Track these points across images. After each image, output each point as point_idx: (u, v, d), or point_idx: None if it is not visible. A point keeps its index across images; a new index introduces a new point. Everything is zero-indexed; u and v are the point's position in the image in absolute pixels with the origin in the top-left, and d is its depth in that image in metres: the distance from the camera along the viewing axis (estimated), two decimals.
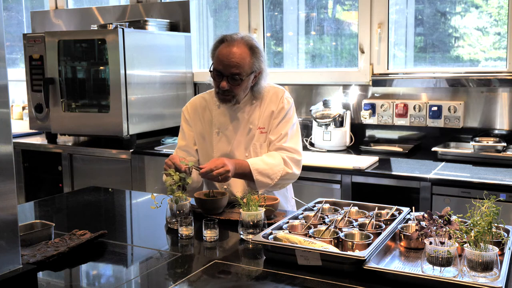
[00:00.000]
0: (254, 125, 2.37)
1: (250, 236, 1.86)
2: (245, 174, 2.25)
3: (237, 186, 2.38)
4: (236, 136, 2.37)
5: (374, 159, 3.21)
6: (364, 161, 3.13)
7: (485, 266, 1.47)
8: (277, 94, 2.38)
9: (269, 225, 1.89)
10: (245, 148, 2.38)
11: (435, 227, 1.60)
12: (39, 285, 1.46)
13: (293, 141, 2.36)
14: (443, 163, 3.15)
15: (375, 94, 3.72)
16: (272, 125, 2.36)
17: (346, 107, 3.77)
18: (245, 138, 2.38)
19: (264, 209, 1.92)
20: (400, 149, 3.50)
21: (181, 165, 2.14)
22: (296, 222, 1.91)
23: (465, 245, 1.53)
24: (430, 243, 1.54)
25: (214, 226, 1.92)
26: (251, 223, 1.88)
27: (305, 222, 1.90)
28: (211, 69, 2.28)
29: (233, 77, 2.22)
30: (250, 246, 1.86)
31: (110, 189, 2.81)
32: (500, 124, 3.39)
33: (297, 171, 2.35)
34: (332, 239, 1.73)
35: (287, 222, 1.90)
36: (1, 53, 1.29)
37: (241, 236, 1.91)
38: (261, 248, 1.78)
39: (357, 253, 1.63)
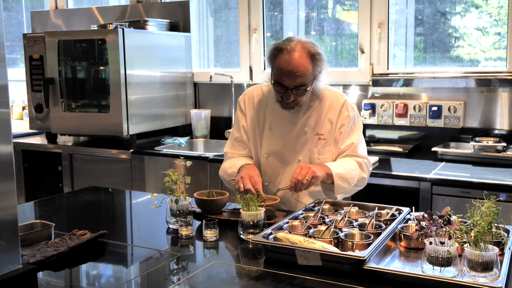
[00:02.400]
0: (310, 128, 2.29)
1: (250, 236, 1.86)
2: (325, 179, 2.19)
3: (281, 185, 2.30)
4: (289, 136, 2.29)
5: (374, 159, 3.21)
6: None
7: (485, 266, 1.47)
8: (338, 100, 2.30)
9: (269, 225, 1.89)
10: (298, 150, 2.30)
11: (435, 227, 1.60)
12: (39, 285, 1.46)
13: (363, 148, 2.33)
14: (443, 163, 3.15)
15: (375, 94, 3.72)
16: (338, 134, 2.28)
17: None
18: (298, 140, 2.30)
19: (264, 209, 1.92)
20: (400, 149, 3.50)
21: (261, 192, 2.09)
22: (296, 222, 1.91)
23: (465, 245, 1.53)
24: (430, 243, 1.54)
25: (214, 226, 1.92)
26: (251, 223, 1.88)
27: (305, 222, 1.90)
28: (273, 82, 2.17)
29: (298, 88, 2.13)
30: (250, 246, 1.86)
31: (110, 189, 2.81)
32: (500, 124, 3.39)
33: (368, 177, 2.32)
34: (332, 239, 1.73)
35: (287, 222, 1.90)
36: (1, 53, 1.29)
37: (241, 236, 1.91)
38: (261, 248, 1.78)
39: (357, 253, 1.63)
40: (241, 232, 1.90)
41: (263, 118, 2.34)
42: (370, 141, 3.73)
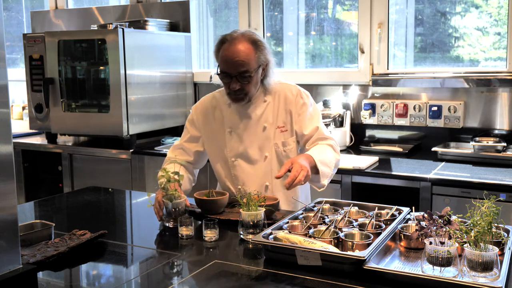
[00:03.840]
0: (269, 123, 2.32)
1: (250, 236, 1.86)
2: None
3: (252, 186, 2.33)
4: (248, 135, 2.33)
5: (374, 159, 3.21)
6: (364, 161, 3.13)
7: (485, 266, 1.47)
8: (291, 90, 2.35)
9: (269, 225, 1.89)
10: (262, 147, 2.33)
11: (435, 227, 1.60)
12: (39, 285, 1.46)
13: (326, 130, 2.36)
14: (443, 163, 3.15)
15: (375, 94, 3.72)
16: (299, 122, 2.31)
17: (346, 107, 3.77)
18: (259, 137, 2.33)
19: (264, 209, 1.92)
20: (400, 149, 3.50)
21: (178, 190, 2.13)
22: (296, 222, 1.91)
23: (465, 245, 1.53)
24: (430, 243, 1.54)
25: (214, 226, 1.92)
26: (251, 223, 1.88)
27: (305, 222, 1.90)
28: (218, 72, 2.23)
29: (242, 75, 2.18)
30: (250, 246, 1.86)
31: (110, 189, 2.81)
32: (500, 124, 3.39)
33: (339, 157, 2.34)
34: (332, 239, 1.73)
35: (287, 222, 1.90)
36: (1, 53, 1.29)
37: (241, 236, 1.90)
38: (261, 248, 1.78)
39: (357, 253, 1.63)
40: (241, 232, 1.90)
41: (221, 123, 2.37)
42: (370, 141, 3.73)
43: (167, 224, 2.08)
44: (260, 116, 2.32)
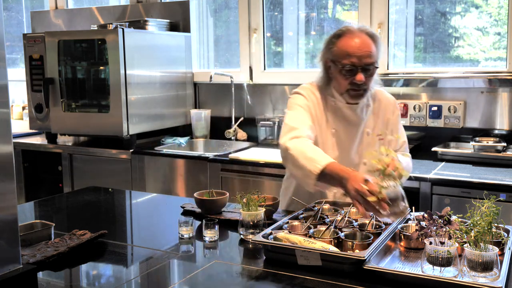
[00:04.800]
0: (371, 129, 2.25)
1: (250, 236, 1.86)
2: None
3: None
4: (351, 138, 2.23)
5: None
6: None
7: (485, 266, 1.47)
8: (389, 99, 2.31)
9: (269, 225, 1.89)
10: (360, 153, 2.24)
11: (435, 227, 1.60)
12: (39, 285, 1.46)
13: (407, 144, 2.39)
14: (443, 163, 3.15)
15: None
16: (393, 133, 2.29)
17: None
18: (362, 143, 2.24)
19: (264, 209, 1.92)
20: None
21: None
22: (296, 222, 1.91)
23: (465, 245, 1.53)
24: (430, 243, 1.54)
25: (214, 226, 1.92)
26: (251, 223, 1.88)
27: (305, 222, 1.90)
28: (340, 67, 2.08)
29: (367, 67, 2.07)
30: (250, 246, 1.86)
31: (110, 189, 2.81)
32: (500, 124, 3.39)
33: None
34: (332, 239, 1.73)
35: (287, 222, 1.90)
36: (1, 53, 1.29)
37: (241, 236, 1.90)
38: (261, 248, 1.78)
39: (357, 253, 1.63)
40: (241, 232, 1.90)
41: (325, 122, 2.22)
42: None
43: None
44: (364, 121, 2.24)
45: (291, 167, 2.05)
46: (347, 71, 2.09)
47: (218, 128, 4.23)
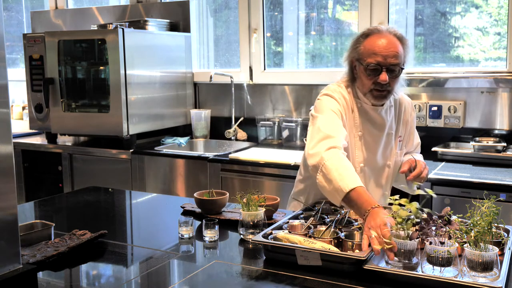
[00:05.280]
0: (393, 130, 2.26)
1: (250, 236, 1.86)
2: None
3: (374, 193, 2.24)
4: (376, 141, 2.22)
5: None
6: None
7: (485, 266, 1.47)
8: (408, 101, 2.33)
9: (269, 225, 1.89)
10: (384, 155, 2.26)
11: (435, 227, 1.60)
12: (39, 285, 1.46)
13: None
14: (443, 163, 3.15)
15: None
16: (410, 136, 2.33)
17: None
18: (384, 144, 2.25)
19: (264, 209, 1.92)
20: None
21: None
22: (296, 222, 1.91)
23: (465, 245, 1.53)
24: (430, 243, 1.54)
25: (214, 226, 1.92)
26: (251, 223, 1.88)
27: (305, 222, 1.90)
28: (366, 65, 2.06)
29: (392, 68, 2.05)
30: (250, 246, 1.86)
31: (110, 189, 2.81)
32: (500, 124, 3.39)
33: None
34: (332, 239, 1.73)
35: (287, 222, 1.90)
36: (1, 53, 1.29)
37: (241, 236, 1.90)
38: (261, 248, 1.78)
39: (357, 253, 1.63)
40: (241, 232, 1.90)
41: (352, 124, 2.20)
42: None
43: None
44: (388, 122, 2.24)
45: (321, 179, 1.95)
46: (371, 70, 2.07)
47: (218, 128, 4.23)
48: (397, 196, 1.72)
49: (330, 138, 2.00)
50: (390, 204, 1.73)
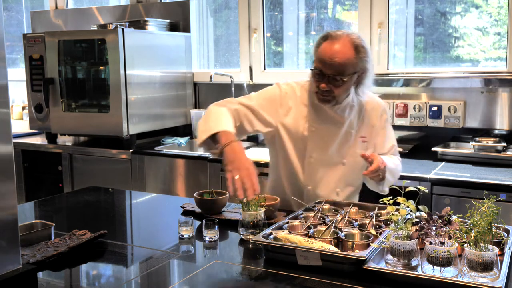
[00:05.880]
0: (354, 130, 2.27)
1: (250, 236, 1.86)
2: None
3: (323, 189, 2.29)
4: (332, 137, 2.25)
5: None
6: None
7: (485, 266, 1.47)
8: (379, 103, 2.34)
9: (269, 225, 1.89)
10: (341, 152, 2.27)
11: (435, 227, 1.60)
12: (39, 285, 1.46)
13: (397, 148, 2.44)
14: (443, 163, 3.15)
15: (375, 94, 3.72)
16: (380, 137, 2.33)
17: None
18: (341, 141, 2.26)
19: (264, 209, 1.92)
20: (400, 149, 3.47)
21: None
22: (296, 222, 1.91)
23: (465, 245, 1.53)
24: (430, 243, 1.54)
25: (214, 226, 1.92)
26: (251, 223, 1.88)
27: (305, 222, 1.90)
28: (312, 68, 2.14)
29: (335, 77, 2.08)
30: (250, 246, 1.86)
31: (110, 189, 2.81)
32: (500, 124, 3.39)
33: None
34: (332, 239, 1.73)
35: (287, 222, 1.90)
36: (1, 53, 1.29)
37: (241, 236, 1.90)
38: (261, 248, 1.78)
39: (357, 253, 1.63)
40: (241, 232, 1.90)
41: (305, 120, 2.25)
42: None
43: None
44: (345, 121, 2.25)
45: (200, 122, 2.15)
46: (315, 74, 2.14)
47: None
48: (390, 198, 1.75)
49: (230, 103, 2.21)
50: (384, 203, 1.77)
